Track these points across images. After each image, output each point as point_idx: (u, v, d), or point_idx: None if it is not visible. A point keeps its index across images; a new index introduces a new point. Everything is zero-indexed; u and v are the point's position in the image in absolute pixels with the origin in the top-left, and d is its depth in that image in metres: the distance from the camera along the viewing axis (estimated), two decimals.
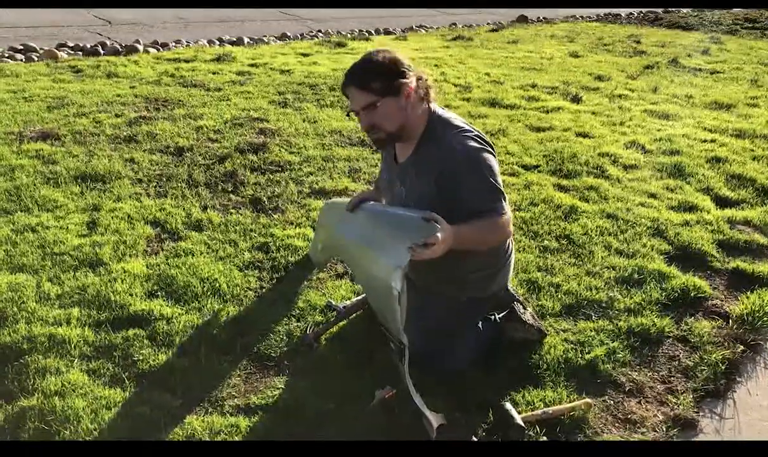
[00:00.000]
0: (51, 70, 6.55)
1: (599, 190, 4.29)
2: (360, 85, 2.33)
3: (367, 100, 2.33)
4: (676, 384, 2.65)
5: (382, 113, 2.34)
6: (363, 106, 2.34)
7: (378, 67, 2.32)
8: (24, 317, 2.71)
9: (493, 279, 2.64)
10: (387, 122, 2.36)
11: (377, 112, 2.33)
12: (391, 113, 2.34)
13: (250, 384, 2.50)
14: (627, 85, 7.32)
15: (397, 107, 2.34)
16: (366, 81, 2.32)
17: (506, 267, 2.67)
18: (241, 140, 4.65)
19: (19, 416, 2.26)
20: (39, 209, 3.56)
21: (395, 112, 2.34)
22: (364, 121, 2.39)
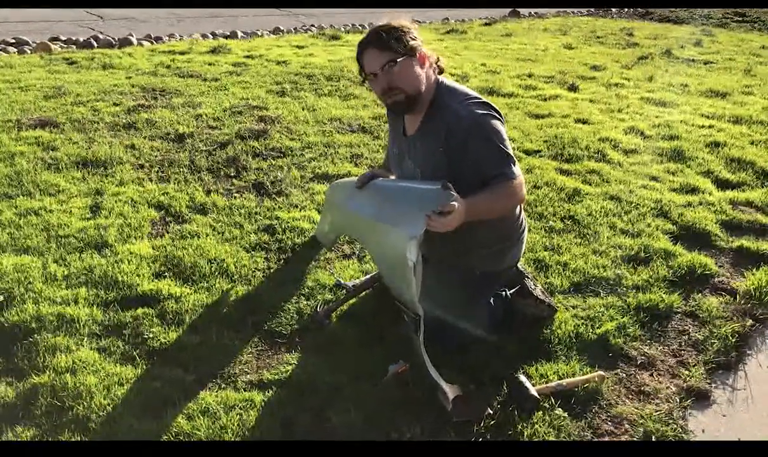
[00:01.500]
0: (45, 62, 6.49)
1: (601, 174, 4.29)
2: (379, 45, 2.34)
3: (387, 58, 2.33)
4: (687, 357, 2.65)
5: (402, 72, 2.33)
6: (383, 64, 2.33)
7: (396, 29, 2.33)
8: (31, 297, 2.68)
9: (506, 253, 2.64)
10: (406, 82, 2.35)
11: (396, 70, 2.33)
12: (409, 73, 2.35)
13: (262, 361, 2.49)
14: (622, 75, 7.34)
15: (414, 68, 2.35)
16: (386, 40, 2.33)
17: (519, 241, 2.67)
18: (242, 127, 4.62)
19: (30, 393, 2.23)
20: (41, 194, 3.52)
21: (414, 72, 2.35)
22: (382, 82, 2.37)
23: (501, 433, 2.19)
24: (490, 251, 2.60)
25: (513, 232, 2.64)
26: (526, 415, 2.26)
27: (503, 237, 2.61)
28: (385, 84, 2.37)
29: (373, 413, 2.23)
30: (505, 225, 2.57)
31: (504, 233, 2.60)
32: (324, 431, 2.16)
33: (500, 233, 2.59)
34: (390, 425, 2.19)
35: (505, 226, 2.58)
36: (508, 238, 2.63)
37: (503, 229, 2.57)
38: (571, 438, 2.20)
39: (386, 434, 2.16)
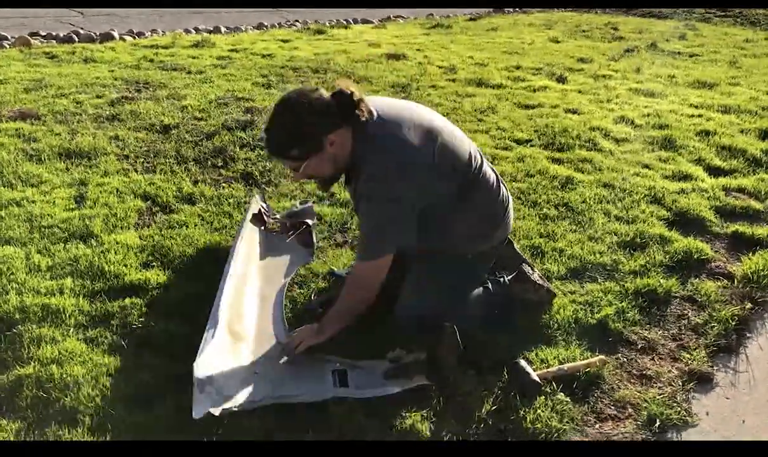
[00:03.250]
0: (24, 56, 6.35)
1: (593, 162, 4.26)
2: (282, 155, 2.31)
3: (291, 165, 2.32)
4: (687, 341, 2.62)
5: (312, 168, 2.29)
6: (291, 168, 2.34)
7: (292, 134, 2.21)
8: (14, 288, 2.59)
9: (494, 231, 2.60)
10: (318, 171, 2.34)
11: (306, 170, 2.30)
12: (319, 166, 2.29)
13: None
14: (610, 67, 7.33)
15: (324, 159, 2.27)
16: (283, 151, 2.28)
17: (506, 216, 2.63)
18: (228, 118, 4.54)
19: (15, 385, 2.15)
20: (23, 185, 3.42)
21: (323, 163, 2.29)
22: (297, 176, 2.38)
23: (503, 418, 2.14)
24: (477, 237, 2.56)
25: (496, 211, 2.59)
26: (528, 400, 2.21)
27: (487, 220, 2.57)
28: (300, 177, 2.41)
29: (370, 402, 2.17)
30: (485, 208, 2.53)
31: (486, 215, 2.55)
32: (321, 419, 2.09)
33: (482, 217, 2.54)
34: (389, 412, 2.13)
35: (488, 209, 2.54)
36: (492, 217, 2.58)
37: (483, 212, 2.53)
38: (574, 423, 2.16)
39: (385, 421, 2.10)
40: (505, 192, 2.62)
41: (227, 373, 2.20)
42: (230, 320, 2.43)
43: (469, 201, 2.43)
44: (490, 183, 2.52)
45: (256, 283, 2.75)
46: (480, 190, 2.48)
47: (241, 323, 2.50)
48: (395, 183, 2.24)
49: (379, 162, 2.25)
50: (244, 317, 2.54)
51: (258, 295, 2.69)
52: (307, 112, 2.20)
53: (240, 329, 2.46)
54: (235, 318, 2.49)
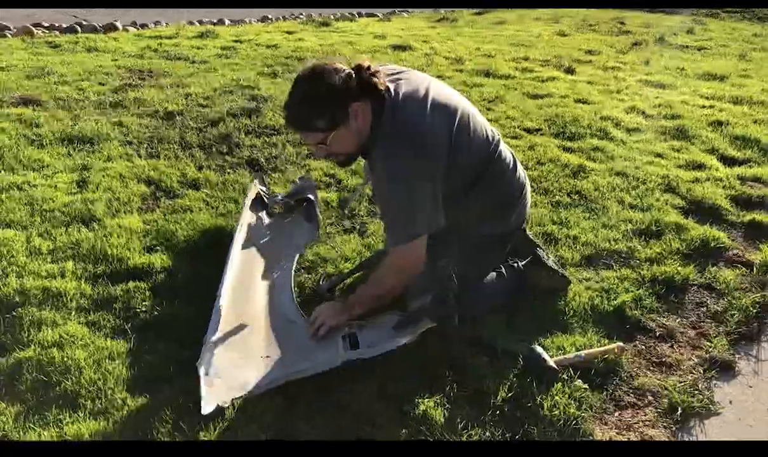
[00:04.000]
0: (27, 45, 6.28)
1: (605, 151, 4.17)
2: (304, 128, 2.19)
3: (315, 139, 2.19)
4: (707, 329, 2.55)
5: (336, 142, 2.18)
6: (315, 142, 2.21)
7: (317, 104, 2.12)
8: (14, 270, 2.52)
9: (511, 213, 2.52)
10: (342, 147, 2.22)
11: (330, 144, 2.18)
12: (344, 140, 2.19)
13: None
14: (618, 59, 7.23)
15: (348, 133, 2.17)
16: (309, 123, 2.15)
17: (523, 198, 2.55)
18: (233, 105, 4.46)
19: (15, 368, 2.08)
20: (24, 169, 3.35)
21: (348, 137, 2.18)
22: (319, 154, 2.27)
23: (519, 405, 2.07)
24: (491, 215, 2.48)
25: (512, 193, 2.51)
26: (544, 387, 2.13)
27: (502, 200, 2.49)
28: (323, 154, 2.28)
29: (382, 387, 2.10)
30: (501, 189, 2.45)
31: (502, 196, 2.48)
32: (332, 405, 2.02)
33: (498, 198, 2.47)
34: (402, 398, 2.06)
35: (503, 189, 2.46)
36: (509, 198, 2.51)
37: (500, 193, 2.45)
38: (593, 410, 2.08)
39: (398, 407, 2.03)
40: (522, 175, 2.54)
41: (234, 363, 2.15)
42: (236, 308, 2.39)
43: (484, 179, 2.35)
44: (507, 163, 2.44)
45: (262, 266, 2.70)
46: (496, 170, 2.40)
47: (248, 308, 2.45)
48: (417, 161, 2.14)
49: (396, 143, 2.15)
50: (253, 302, 2.49)
51: (266, 278, 2.64)
52: (331, 82, 2.10)
53: (247, 315, 2.41)
54: (242, 305, 2.44)
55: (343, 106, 2.11)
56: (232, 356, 2.18)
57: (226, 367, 2.12)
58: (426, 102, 2.20)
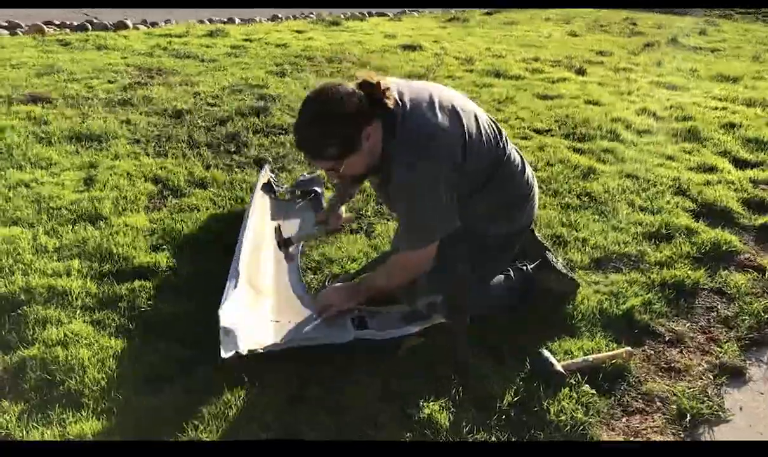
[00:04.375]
0: (38, 43, 6.31)
1: (615, 153, 4.14)
2: (316, 156, 2.12)
3: (327, 166, 2.13)
4: (717, 334, 2.51)
5: (348, 168, 2.14)
6: (327, 168, 2.17)
7: (330, 133, 2.04)
8: (20, 268, 2.52)
9: (518, 214, 2.48)
10: (355, 170, 2.18)
11: (342, 169, 2.14)
12: (356, 165, 2.14)
13: None
14: (630, 60, 7.19)
15: (360, 157, 2.12)
16: (321, 151, 2.08)
17: (531, 200, 2.51)
18: (242, 105, 4.46)
19: (19, 366, 2.08)
20: (32, 166, 3.35)
21: (360, 161, 2.13)
22: (330, 177, 2.31)
23: (525, 410, 2.04)
24: (498, 215, 2.44)
25: (521, 192, 2.47)
26: (551, 391, 2.11)
27: (511, 202, 2.45)
28: (335, 177, 2.28)
29: (386, 387, 2.08)
30: (510, 190, 2.41)
31: (511, 197, 2.44)
32: (335, 404, 2.00)
33: (507, 199, 2.43)
34: (406, 399, 2.04)
35: (512, 190, 2.42)
36: (517, 199, 2.47)
37: (509, 194, 2.41)
38: (600, 416, 2.05)
39: (401, 408, 2.01)
40: (530, 175, 2.51)
41: (250, 319, 2.24)
42: (250, 275, 2.47)
43: (494, 180, 2.32)
44: (515, 164, 2.41)
45: (270, 247, 2.75)
46: (506, 171, 2.37)
47: (260, 279, 2.54)
48: (431, 170, 2.11)
49: (411, 150, 2.11)
50: (263, 275, 2.58)
51: (273, 257, 2.70)
52: (342, 110, 2.03)
53: (260, 284, 2.50)
54: (255, 274, 2.52)
55: (355, 133, 2.06)
56: (248, 312, 2.28)
57: (243, 320, 2.19)
58: (434, 106, 2.17)
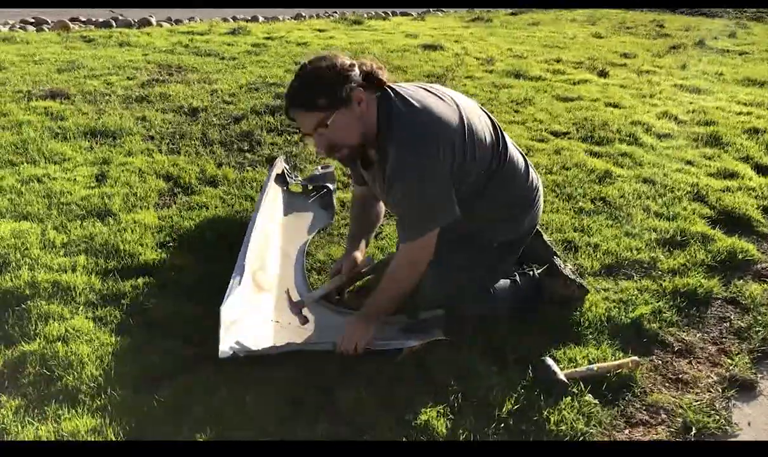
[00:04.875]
0: (62, 39, 6.39)
1: (633, 157, 4.07)
2: (305, 106, 2.06)
3: (316, 119, 2.05)
4: (729, 345, 2.44)
5: (338, 128, 2.06)
6: (314, 125, 2.06)
7: (319, 81, 2.03)
8: (27, 263, 2.54)
9: (522, 219, 2.44)
10: (345, 136, 2.10)
11: (331, 129, 2.06)
12: (346, 126, 2.07)
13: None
14: (654, 63, 7.07)
15: (351, 117, 2.07)
16: (310, 99, 2.04)
17: (535, 203, 2.47)
18: (258, 103, 4.46)
19: (19, 361, 2.09)
20: (46, 162, 3.39)
21: (351, 122, 2.07)
22: (320, 144, 2.11)
23: (525, 419, 1.99)
24: (502, 221, 2.41)
25: (525, 196, 2.43)
26: (552, 400, 2.06)
27: (513, 205, 2.42)
28: (324, 144, 2.12)
29: (385, 394, 2.05)
30: (512, 193, 2.37)
31: (513, 200, 2.40)
32: (332, 410, 1.98)
33: (508, 202, 2.39)
34: (404, 406, 2.01)
35: (513, 193, 2.38)
36: (520, 203, 2.43)
37: (511, 197, 2.37)
38: (602, 426, 2.01)
39: (399, 415, 1.98)
40: (534, 178, 2.47)
41: (252, 318, 2.25)
42: (254, 270, 2.48)
43: (494, 181, 2.27)
44: (518, 166, 2.37)
45: (278, 240, 2.79)
46: (506, 173, 2.32)
47: (264, 274, 2.54)
48: (429, 156, 2.06)
49: (409, 131, 2.08)
50: (268, 270, 2.58)
51: (280, 252, 2.73)
52: (332, 63, 2.04)
53: (263, 280, 2.50)
54: (259, 269, 2.53)
55: (346, 85, 2.03)
56: (249, 311, 2.28)
57: (243, 319, 2.21)
58: (432, 97, 2.15)
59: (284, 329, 2.29)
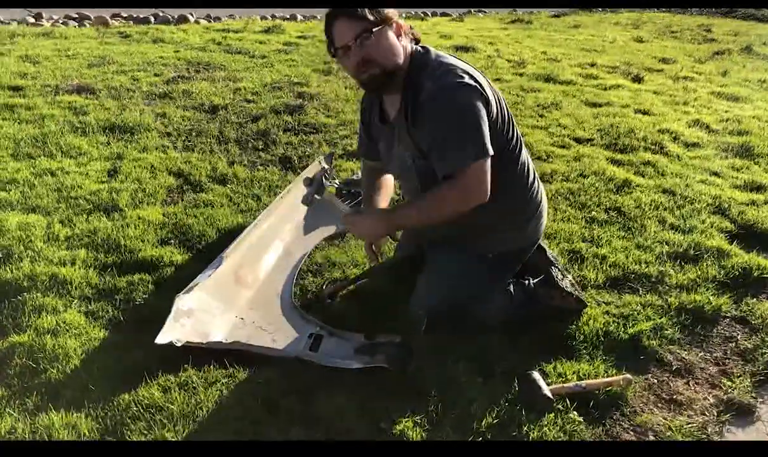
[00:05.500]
0: (99, 34, 6.54)
1: (656, 166, 3.95)
2: (351, 14, 2.05)
3: (360, 28, 2.04)
4: (731, 366, 2.34)
5: (378, 43, 2.06)
6: (356, 34, 2.04)
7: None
8: (29, 255, 2.59)
9: (521, 232, 2.39)
10: (382, 54, 2.08)
11: (371, 42, 2.05)
12: (386, 44, 2.08)
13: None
14: (694, 69, 6.87)
15: (391, 39, 2.09)
16: (360, 9, 2.04)
17: (537, 218, 2.40)
18: (278, 102, 4.48)
19: (8, 352, 2.14)
20: (62, 155, 3.46)
21: (390, 43, 2.08)
22: (355, 55, 2.08)
23: (503, 433, 1.95)
24: (500, 233, 2.35)
25: (525, 208, 2.37)
26: (534, 416, 2.01)
27: (513, 216, 2.35)
28: (359, 57, 2.08)
29: (365, 401, 2.02)
30: (513, 203, 2.31)
31: (514, 208, 2.34)
32: (309, 416, 1.96)
33: (508, 212, 2.32)
34: (382, 414, 1.98)
35: (514, 203, 2.32)
36: (521, 215, 2.37)
37: (511, 207, 2.31)
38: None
39: (376, 423, 1.95)
40: (540, 194, 2.40)
41: (210, 309, 2.29)
42: (244, 263, 2.55)
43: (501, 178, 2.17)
44: (525, 175, 2.32)
45: (286, 238, 2.84)
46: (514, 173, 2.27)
47: (255, 267, 2.61)
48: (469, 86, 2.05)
49: (445, 70, 2.08)
50: (260, 263, 2.65)
51: (282, 250, 2.77)
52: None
53: (249, 275, 2.55)
54: (252, 262, 2.59)
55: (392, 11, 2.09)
56: (212, 303, 2.32)
57: (201, 309, 2.26)
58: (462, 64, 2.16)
59: (245, 327, 2.31)
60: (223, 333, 2.26)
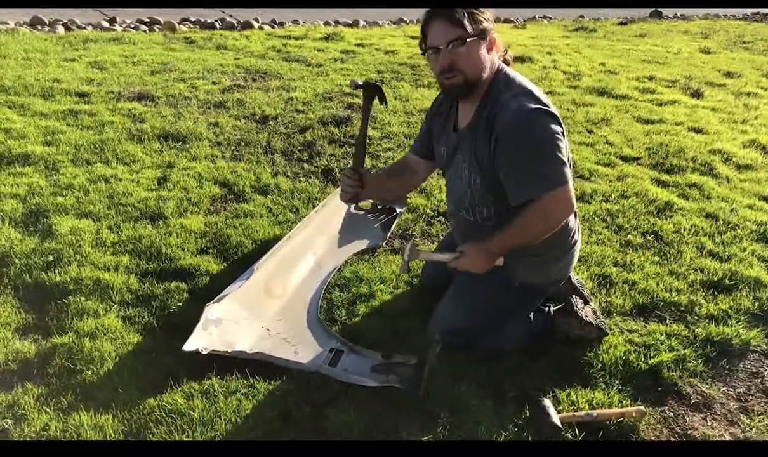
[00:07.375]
0: (166, 40, 6.81)
1: (702, 189, 3.87)
2: (451, 18, 2.10)
3: (455, 35, 2.09)
4: (753, 403, 2.31)
5: (468, 54, 2.11)
6: (450, 40, 2.10)
7: (476, 8, 2.10)
8: (77, 259, 2.76)
9: (552, 265, 2.39)
10: (469, 65, 2.13)
11: (462, 51, 2.10)
12: (475, 56, 2.12)
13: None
14: (759, 84, 6.65)
15: (482, 52, 2.13)
16: (459, 14, 2.09)
17: (566, 257, 2.40)
18: (327, 113, 4.59)
19: (49, 353, 2.29)
20: (117, 162, 3.65)
21: (480, 56, 2.13)
22: (444, 59, 2.14)
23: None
24: (535, 260, 2.35)
25: (563, 242, 2.37)
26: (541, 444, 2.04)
27: (550, 246, 2.34)
28: (446, 62, 2.14)
29: (374, 418, 2.10)
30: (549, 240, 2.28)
31: (552, 241, 2.33)
32: (319, 429, 2.05)
33: (547, 242, 2.33)
34: (390, 431, 2.05)
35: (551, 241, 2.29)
36: (557, 248, 2.36)
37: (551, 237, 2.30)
38: None
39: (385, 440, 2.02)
40: (576, 229, 2.41)
41: (238, 320, 2.41)
42: (275, 274, 2.68)
43: None
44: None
45: (319, 251, 2.95)
46: None
47: (285, 278, 2.72)
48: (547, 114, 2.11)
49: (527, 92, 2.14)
50: (291, 274, 2.76)
51: (314, 263, 2.88)
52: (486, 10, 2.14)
53: (278, 287, 2.67)
54: (282, 273, 2.72)
55: (489, 25, 2.13)
56: (240, 313, 2.45)
57: (229, 319, 2.39)
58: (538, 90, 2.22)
59: (269, 338, 2.42)
60: (249, 343, 2.37)
